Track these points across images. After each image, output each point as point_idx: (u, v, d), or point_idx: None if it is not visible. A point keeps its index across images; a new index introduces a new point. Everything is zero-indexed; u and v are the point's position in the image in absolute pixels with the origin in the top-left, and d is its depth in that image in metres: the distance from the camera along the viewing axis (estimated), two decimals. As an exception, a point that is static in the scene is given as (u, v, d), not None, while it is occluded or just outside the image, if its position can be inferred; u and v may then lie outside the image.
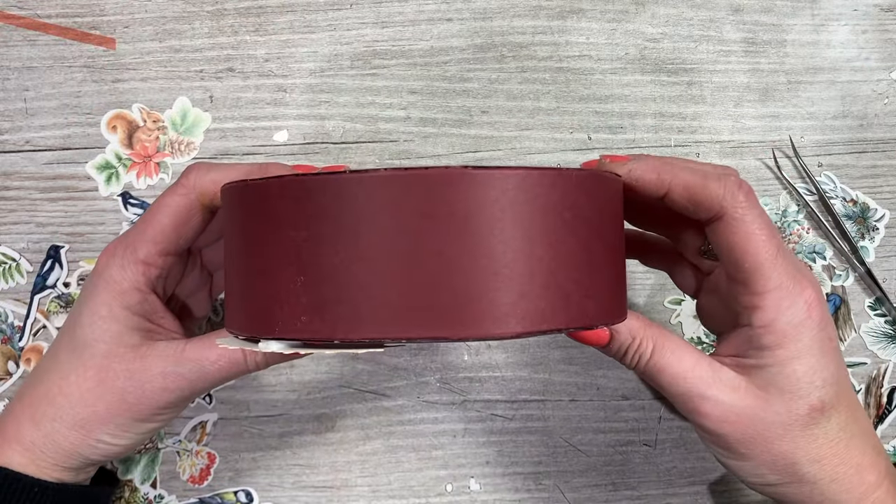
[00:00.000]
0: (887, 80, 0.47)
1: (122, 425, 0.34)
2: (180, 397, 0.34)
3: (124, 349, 0.34)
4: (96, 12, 0.46)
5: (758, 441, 0.32)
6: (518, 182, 0.25)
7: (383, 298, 0.25)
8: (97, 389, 0.33)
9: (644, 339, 0.32)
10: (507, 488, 0.45)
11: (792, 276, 0.32)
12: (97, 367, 0.34)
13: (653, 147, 0.46)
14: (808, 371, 0.32)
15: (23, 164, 0.45)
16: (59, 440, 0.34)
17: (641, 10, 0.47)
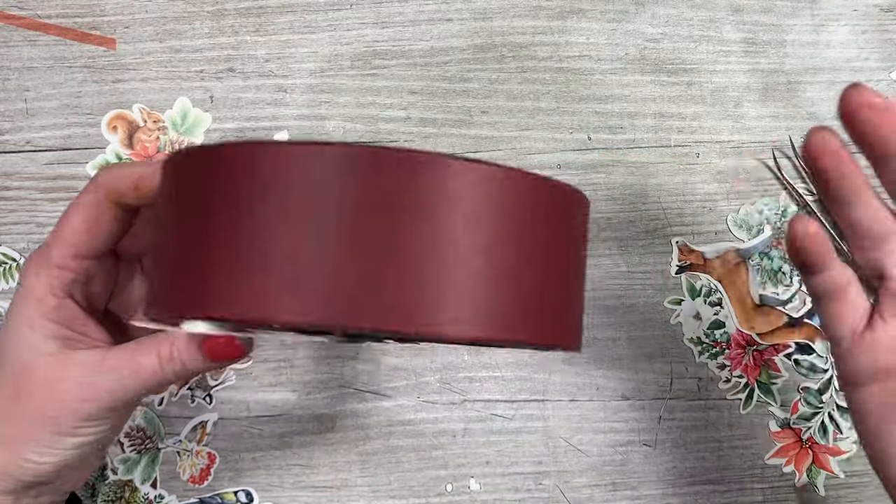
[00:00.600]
0: (887, 80, 0.47)
1: (44, 441, 0.32)
2: (101, 408, 0.32)
3: (42, 359, 0.32)
4: (97, 12, 0.46)
5: None
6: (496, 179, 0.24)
7: (331, 281, 0.22)
8: (15, 406, 0.32)
9: None
10: (507, 488, 0.45)
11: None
12: (14, 382, 0.32)
13: (653, 147, 0.46)
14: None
15: (23, 165, 0.45)
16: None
17: (641, 11, 0.47)
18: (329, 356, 0.45)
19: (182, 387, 0.45)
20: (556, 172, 0.46)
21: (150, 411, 0.45)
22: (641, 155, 0.46)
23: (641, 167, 0.46)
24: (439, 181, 0.23)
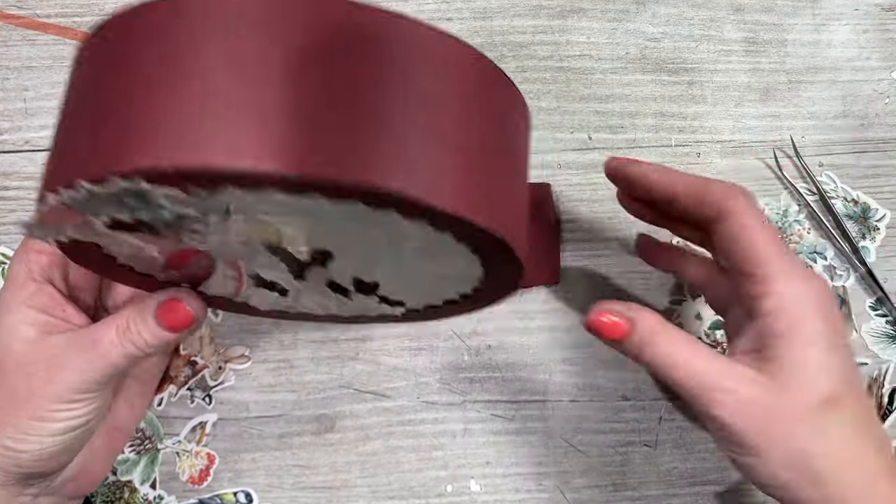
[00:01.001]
0: (888, 79, 0.47)
1: (21, 427, 0.32)
2: (71, 388, 0.31)
3: (18, 345, 0.32)
4: (96, 12, 0.46)
5: (771, 433, 0.32)
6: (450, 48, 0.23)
7: (270, 125, 0.20)
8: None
9: (661, 336, 0.33)
10: (507, 489, 0.45)
11: (802, 272, 0.33)
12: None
13: (653, 147, 0.46)
14: (819, 358, 0.32)
15: (22, 164, 0.45)
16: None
17: (642, 10, 0.47)
18: (329, 356, 0.45)
19: (182, 387, 0.45)
20: (557, 172, 0.46)
21: (150, 412, 0.45)
22: (642, 154, 0.46)
23: (642, 167, 0.46)
24: (395, 37, 0.21)
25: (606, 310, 0.34)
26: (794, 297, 0.32)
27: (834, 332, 0.32)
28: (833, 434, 0.32)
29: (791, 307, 0.32)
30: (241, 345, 0.45)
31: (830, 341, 0.32)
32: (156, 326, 0.31)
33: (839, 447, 0.32)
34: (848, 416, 0.32)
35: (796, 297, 0.32)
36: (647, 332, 0.33)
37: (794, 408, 0.32)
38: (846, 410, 0.32)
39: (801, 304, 0.32)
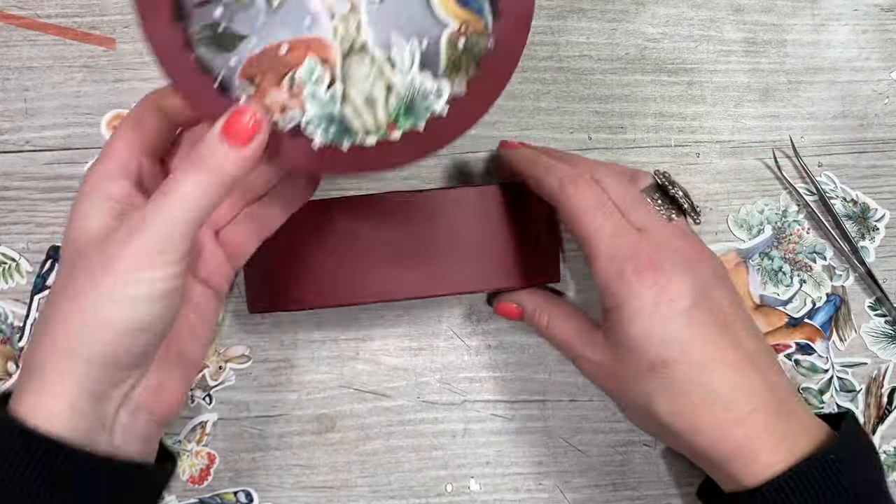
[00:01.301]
0: (888, 80, 0.47)
1: (101, 296, 0.31)
2: (150, 243, 0.31)
3: (95, 222, 0.33)
4: (96, 12, 0.46)
5: (623, 392, 0.38)
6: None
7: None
8: (73, 272, 0.32)
9: (540, 312, 0.41)
10: (507, 488, 0.45)
11: (624, 250, 0.36)
12: (72, 255, 0.33)
13: (653, 147, 0.46)
14: (642, 330, 0.35)
15: (23, 165, 0.45)
16: (57, 362, 0.31)
17: (642, 10, 0.47)
18: (329, 356, 0.45)
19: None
20: (557, 172, 0.46)
21: (150, 411, 0.45)
22: (642, 155, 0.46)
23: (642, 167, 0.46)
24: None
25: (504, 301, 0.43)
26: (615, 276, 0.36)
27: (661, 300, 0.35)
28: (669, 390, 0.35)
29: (611, 287, 0.36)
30: (241, 345, 0.45)
31: (654, 310, 0.35)
32: (223, 146, 0.31)
33: (681, 401, 0.35)
34: (682, 372, 0.35)
35: (616, 276, 0.36)
36: (530, 312, 0.42)
37: (631, 374, 0.36)
38: (679, 367, 0.35)
39: (621, 282, 0.36)
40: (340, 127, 0.34)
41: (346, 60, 0.34)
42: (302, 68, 0.33)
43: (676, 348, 0.35)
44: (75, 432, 0.31)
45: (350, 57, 0.34)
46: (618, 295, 0.36)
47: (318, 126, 0.34)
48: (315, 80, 0.34)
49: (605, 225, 0.36)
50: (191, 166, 0.31)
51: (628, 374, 0.36)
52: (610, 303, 0.36)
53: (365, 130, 0.34)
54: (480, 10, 0.34)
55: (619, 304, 0.36)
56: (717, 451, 0.35)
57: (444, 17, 0.34)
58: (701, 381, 0.35)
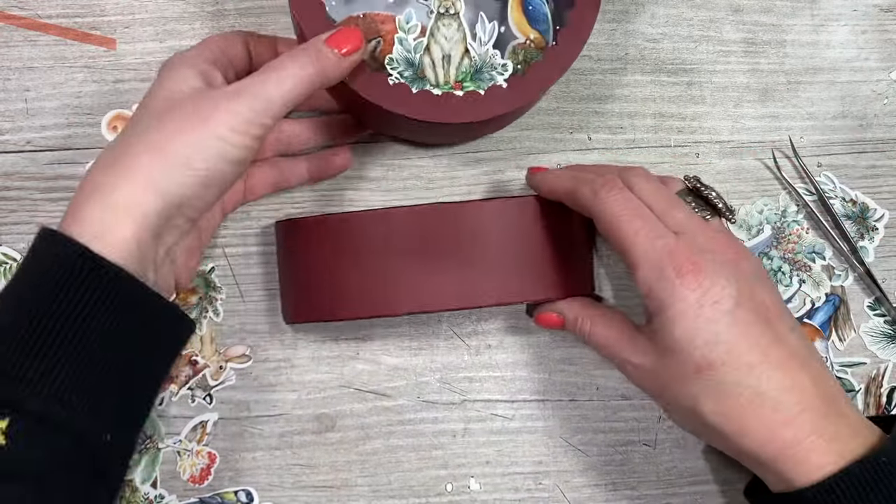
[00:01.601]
0: (887, 80, 0.47)
1: (199, 143, 0.34)
2: (248, 110, 0.35)
3: (189, 85, 0.37)
4: (97, 13, 0.46)
5: (667, 395, 0.37)
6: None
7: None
8: (164, 117, 0.36)
9: (582, 319, 0.40)
10: (507, 488, 0.45)
11: (663, 253, 0.35)
12: (161, 108, 0.36)
13: (652, 147, 0.46)
14: (686, 332, 0.35)
15: (24, 165, 0.45)
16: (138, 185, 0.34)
17: (641, 11, 0.47)
18: (329, 356, 0.45)
19: (182, 386, 0.45)
20: (556, 172, 0.46)
21: (151, 411, 0.45)
22: (641, 155, 0.46)
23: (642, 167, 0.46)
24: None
25: (544, 312, 0.42)
26: (656, 280, 0.35)
27: (704, 302, 0.35)
28: (716, 392, 0.35)
29: (654, 291, 0.36)
30: (241, 344, 0.45)
31: (698, 312, 0.35)
32: (326, 48, 0.36)
33: (728, 403, 0.35)
34: (730, 373, 0.35)
35: (657, 278, 0.35)
36: (571, 320, 0.41)
37: (677, 377, 0.36)
38: (731, 374, 0.35)
39: (662, 285, 0.35)
40: (415, 73, 0.40)
41: (439, 21, 0.40)
42: (401, 15, 0.40)
43: (722, 349, 0.35)
44: (133, 263, 0.34)
45: (442, 18, 0.40)
46: (660, 298, 0.35)
47: (398, 67, 0.40)
48: (409, 28, 0.40)
49: (643, 229, 0.36)
50: (294, 58, 0.35)
51: (673, 377, 0.36)
52: (653, 306, 0.36)
53: (435, 82, 0.40)
54: (546, 31, 0.41)
55: (662, 308, 0.35)
56: (765, 452, 0.34)
57: (515, 31, 0.41)
58: (749, 382, 0.34)
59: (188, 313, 0.45)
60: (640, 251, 0.36)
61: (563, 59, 0.41)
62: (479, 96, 0.40)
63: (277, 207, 0.46)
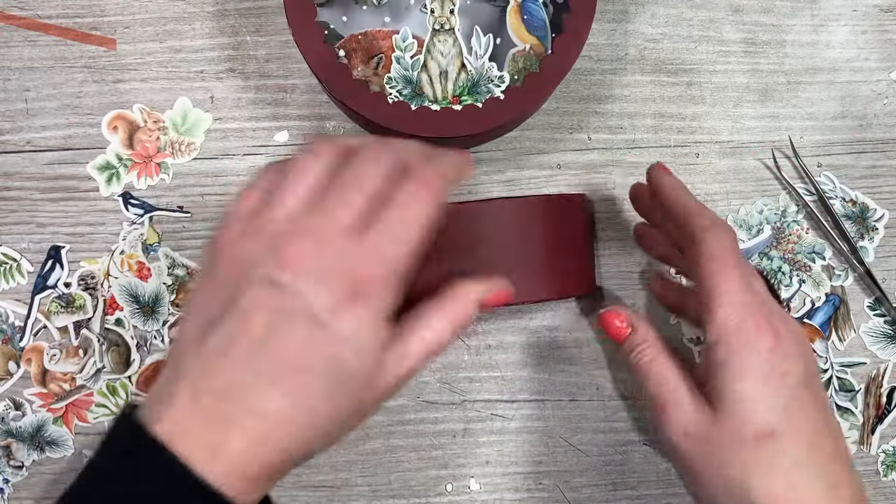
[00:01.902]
0: (887, 80, 0.47)
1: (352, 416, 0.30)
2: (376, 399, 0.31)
3: (368, 349, 0.30)
4: (97, 13, 0.46)
5: (711, 460, 0.34)
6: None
7: None
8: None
9: (651, 343, 0.37)
10: (506, 488, 0.45)
11: (747, 304, 0.34)
12: (353, 396, 0.30)
13: (652, 147, 0.46)
14: (753, 392, 0.33)
15: (24, 165, 0.45)
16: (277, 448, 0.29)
17: (641, 11, 0.47)
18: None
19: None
20: (556, 172, 0.46)
21: (151, 411, 0.45)
22: (641, 155, 0.46)
23: (641, 167, 0.46)
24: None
25: (619, 313, 0.39)
26: (735, 328, 0.34)
27: (774, 367, 0.34)
28: (771, 466, 0.33)
29: (729, 339, 0.34)
30: (241, 344, 0.45)
31: (769, 375, 0.33)
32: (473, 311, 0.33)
33: (778, 480, 0.33)
34: (788, 449, 0.33)
35: (737, 328, 0.34)
36: (639, 340, 0.38)
37: (731, 439, 0.33)
38: (790, 449, 0.33)
39: (739, 335, 0.34)
40: (413, 90, 0.41)
41: (434, 37, 0.41)
42: (398, 35, 0.41)
43: (785, 421, 0.33)
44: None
45: (438, 34, 0.41)
46: (733, 347, 0.34)
47: (396, 85, 0.41)
48: (406, 46, 0.41)
49: (740, 278, 0.35)
50: (449, 325, 0.32)
51: (727, 441, 0.33)
52: (722, 355, 0.34)
53: (433, 98, 0.41)
54: (544, 37, 0.42)
55: (732, 359, 0.34)
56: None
57: (514, 39, 0.42)
58: (808, 464, 0.33)
59: (188, 313, 0.45)
60: (729, 295, 0.34)
61: (560, 67, 0.42)
62: (477, 109, 0.41)
63: (277, 207, 0.46)
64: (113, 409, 0.45)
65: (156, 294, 0.45)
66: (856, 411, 0.46)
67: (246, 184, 0.32)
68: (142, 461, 0.28)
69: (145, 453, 0.27)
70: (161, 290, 0.45)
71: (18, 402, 0.45)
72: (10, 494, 0.45)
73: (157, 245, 0.45)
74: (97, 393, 0.45)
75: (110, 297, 0.45)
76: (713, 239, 0.35)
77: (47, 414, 0.45)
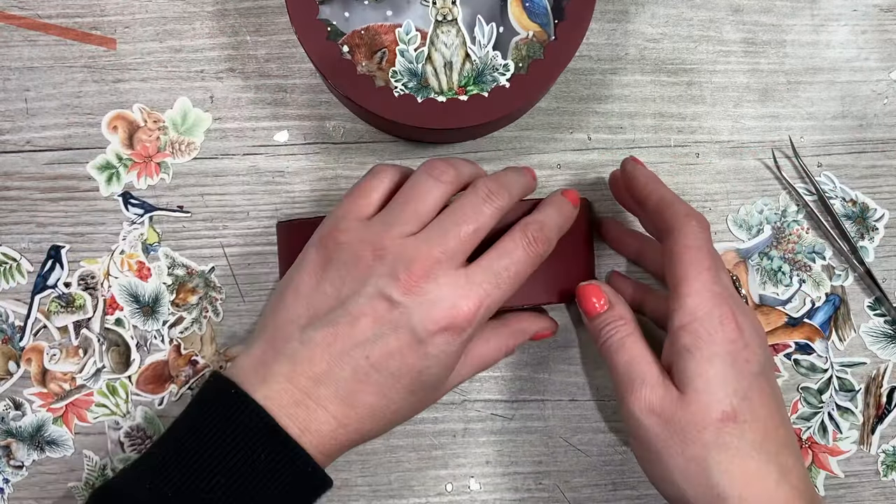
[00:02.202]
0: (887, 80, 0.47)
1: None
2: None
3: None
4: (97, 13, 0.46)
5: (674, 440, 0.35)
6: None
7: None
8: None
9: (627, 323, 0.38)
10: (507, 488, 0.45)
11: (716, 294, 0.36)
12: None
13: (652, 147, 0.46)
14: (718, 376, 0.35)
15: (23, 165, 0.45)
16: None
17: (641, 11, 0.47)
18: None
19: (183, 386, 0.45)
20: (556, 172, 0.46)
21: (150, 411, 0.45)
22: (641, 155, 0.46)
23: (641, 167, 0.46)
24: None
25: (600, 290, 0.40)
26: (703, 315, 0.35)
27: (738, 355, 0.35)
28: (732, 448, 0.34)
29: (697, 325, 0.35)
30: (241, 345, 0.45)
31: (734, 361, 0.35)
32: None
33: (738, 463, 0.34)
34: (748, 433, 0.35)
35: (705, 315, 0.35)
36: (616, 317, 0.38)
37: (695, 420, 0.35)
38: (746, 427, 0.34)
39: (707, 322, 0.35)
40: (419, 83, 0.41)
41: (438, 28, 0.41)
42: (401, 28, 0.41)
43: (747, 406, 0.35)
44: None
45: (441, 25, 0.41)
46: (700, 334, 0.35)
47: (401, 79, 0.41)
48: (409, 39, 0.41)
49: (711, 269, 0.36)
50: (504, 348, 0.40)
51: (690, 421, 0.35)
52: (689, 340, 0.35)
53: (438, 89, 0.41)
54: (546, 24, 0.42)
55: (700, 345, 0.35)
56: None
57: (516, 27, 0.42)
58: (764, 449, 0.35)
59: (188, 313, 0.45)
60: (699, 285, 0.36)
61: (564, 53, 0.42)
62: (483, 99, 0.41)
63: (277, 207, 0.46)
64: (112, 408, 0.45)
65: (156, 294, 0.45)
66: (856, 411, 0.46)
67: (362, 182, 0.37)
68: (245, 427, 0.32)
69: (248, 420, 0.32)
70: (161, 290, 0.45)
71: (18, 401, 0.45)
72: (10, 494, 0.45)
73: (157, 245, 0.45)
74: (97, 393, 0.45)
75: (110, 297, 0.45)
76: (688, 229, 0.37)
77: (47, 414, 0.45)
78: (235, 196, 0.45)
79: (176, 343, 0.45)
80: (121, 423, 0.45)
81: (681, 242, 0.37)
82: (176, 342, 0.45)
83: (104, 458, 0.45)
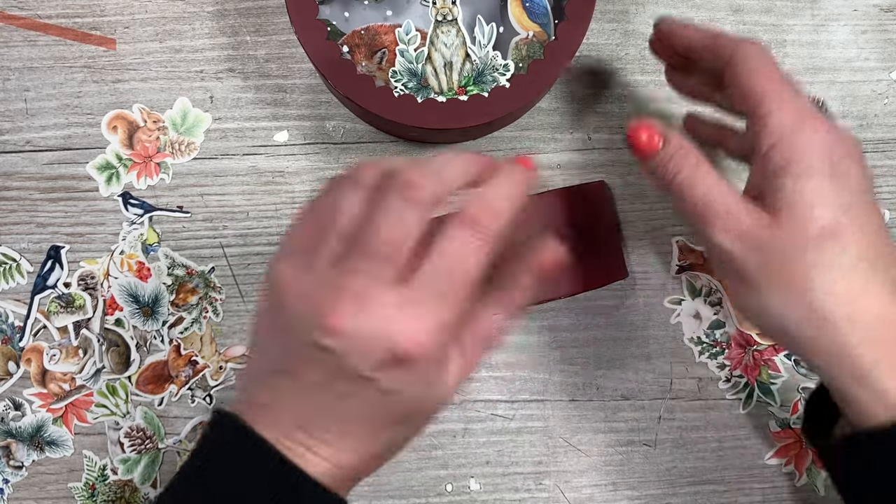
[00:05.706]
0: (887, 80, 0.47)
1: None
2: None
3: None
4: (97, 13, 0.46)
5: (769, 265, 0.31)
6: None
7: None
8: None
9: (691, 152, 0.33)
10: (507, 488, 0.45)
11: (800, 108, 0.32)
12: None
13: (653, 147, 0.46)
14: (816, 189, 0.31)
15: (23, 165, 0.45)
16: None
17: (641, 11, 0.47)
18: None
19: (182, 386, 0.45)
20: (556, 172, 0.46)
21: (150, 411, 0.45)
22: (641, 155, 0.46)
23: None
24: None
25: (645, 124, 0.34)
26: (791, 129, 0.32)
27: (837, 165, 0.32)
28: (835, 266, 0.31)
29: (787, 140, 0.32)
30: (241, 344, 0.45)
31: (832, 172, 0.32)
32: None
33: (843, 282, 0.31)
34: (851, 248, 0.31)
35: (793, 129, 0.32)
36: (676, 147, 0.34)
37: (792, 240, 0.31)
38: (852, 248, 0.31)
39: (797, 136, 0.32)
40: (419, 83, 0.41)
41: (437, 28, 0.41)
42: (401, 28, 0.41)
43: (849, 220, 0.31)
44: None
45: (441, 25, 0.41)
46: (793, 148, 0.32)
47: (401, 79, 0.41)
48: (409, 39, 0.41)
49: (786, 83, 0.33)
50: None
51: (786, 242, 0.31)
52: (780, 158, 0.32)
53: (438, 89, 0.42)
54: (546, 24, 0.42)
55: (793, 159, 0.31)
56: (870, 351, 0.30)
57: (516, 27, 0.42)
58: (870, 260, 0.31)
59: (188, 313, 0.45)
60: (780, 99, 0.32)
61: (564, 53, 0.42)
62: (483, 99, 0.41)
63: (277, 208, 0.46)
64: (112, 409, 0.45)
65: (155, 294, 0.45)
66: (856, 411, 0.46)
67: (308, 201, 0.32)
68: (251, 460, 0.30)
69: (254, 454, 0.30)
70: (161, 290, 0.45)
71: (18, 402, 0.45)
72: (9, 494, 0.45)
73: (157, 245, 0.45)
74: (97, 393, 0.45)
75: (110, 297, 0.45)
76: (751, 52, 0.34)
77: (47, 414, 0.45)
78: (235, 196, 0.45)
79: (176, 343, 0.45)
80: (120, 424, 0.45)
81: (746, 66, 0.33)
82: (176, 342, 0.45)
83: (104, 459, 0.45)
